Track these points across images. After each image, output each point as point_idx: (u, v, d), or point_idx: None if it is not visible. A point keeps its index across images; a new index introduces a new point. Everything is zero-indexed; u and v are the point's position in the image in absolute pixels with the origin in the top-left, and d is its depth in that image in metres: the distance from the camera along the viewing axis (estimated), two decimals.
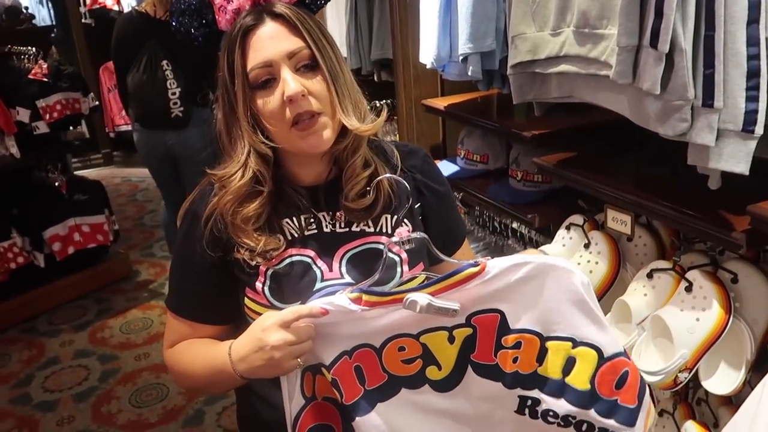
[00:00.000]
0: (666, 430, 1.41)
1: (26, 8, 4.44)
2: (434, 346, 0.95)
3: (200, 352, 1.05)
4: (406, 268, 1.04)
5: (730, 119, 0.95)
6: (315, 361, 0.93)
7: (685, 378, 1.22)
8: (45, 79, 3.39)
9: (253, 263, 1.00)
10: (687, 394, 1.45)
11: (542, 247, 1.57)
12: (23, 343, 3.34)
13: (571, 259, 1.50)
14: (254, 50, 0.95)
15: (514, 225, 1.86)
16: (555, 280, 0.93)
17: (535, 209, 1.68)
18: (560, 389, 0.97)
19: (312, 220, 1.04)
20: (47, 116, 3.41)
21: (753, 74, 0.92)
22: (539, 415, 1.00)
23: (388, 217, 1.06)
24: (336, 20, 2.62)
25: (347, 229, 1.05)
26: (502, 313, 0.94)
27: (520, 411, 1.00)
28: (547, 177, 1.71)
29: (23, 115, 3.35)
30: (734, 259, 1.26)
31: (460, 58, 1.60)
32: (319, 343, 0.92)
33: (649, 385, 1.04)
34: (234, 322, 1.09)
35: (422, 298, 0.89)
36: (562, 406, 0.98)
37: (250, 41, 0.95)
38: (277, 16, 0.96)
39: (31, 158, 3.50)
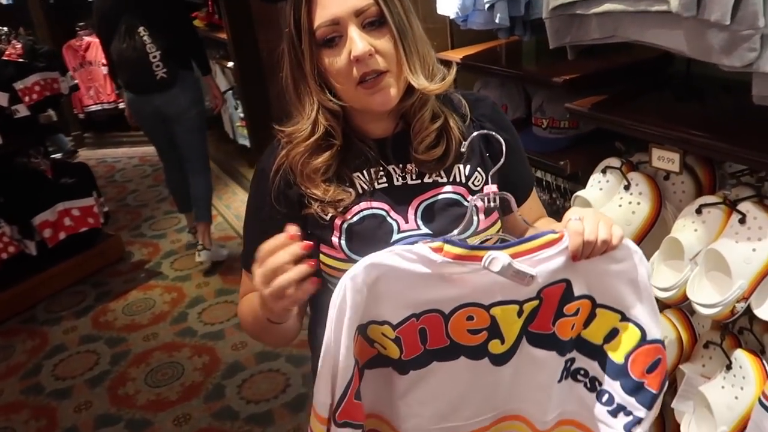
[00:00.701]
0: (713, 360, 1.44)
1: None
2: (503, 319, 0.94)
3: (251, 302, 1.04)
4: (482, 216, 1.03)
5: None
6: (383, 318, 0.91)
7: (742, 308, 1.24)
8: (21, 60, 3.25)
9: (327, 216, 1.00)
10: (729, 325, 1.48)
11: (578, 192, 1.58)
12: (25, 334, 3.28)
13: (610, 201, 1.51)
14: (321, 7, 0.92)
15: (538, 174, 1.86)
16: (623, 259, 0.93)
17: (564, 156, 1.68)
18: (596, 352, 0.99)
19: (382, 173, 1.03)
20: (26, 98, 3.28)
21: None
22: (571, 373, 1.02)
23: (461, 166, 1.05)
24: None
25: (419, 181, 1.03)
26: (568, 281, 0.93)
27: (561, 378, 1.02)
28: (573, 122, 1.71)
29: (1, 99, 3.21)
30: None
31: (486, 5, 1.56)
32: (388, 303, 0.90)
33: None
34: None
35: (503, 257, 0.87)
36: (594, 367, 1.00)
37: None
38: None
39: (14, 143, 3.37)
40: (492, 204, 0.95)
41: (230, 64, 4.28)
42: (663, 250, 1.38)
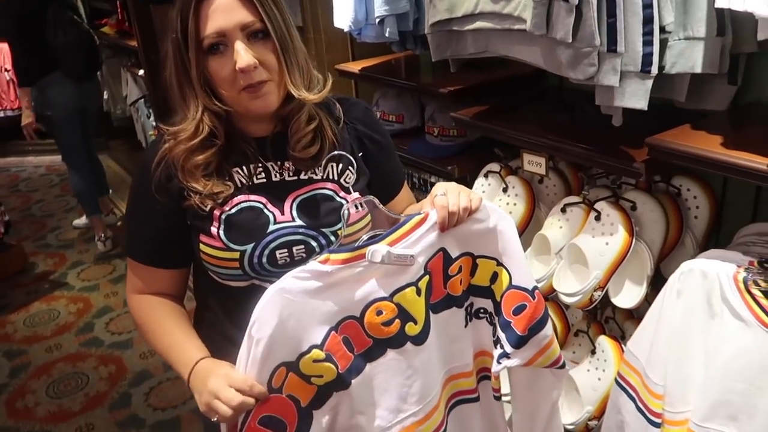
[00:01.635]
0: (582, 347, 1.59)
1: None
2: (407, 302, 1.03)
3: (168, 335, 1.12)
4: (353, 209, 1.12)
5: (631, 62, 1.10)
6: (307, 345, 0.97)
7: (599, 296, 1.39)
8: None
9: (207, 207, 1.06)
10: (597, 314, 1.63)
11: None
12: None
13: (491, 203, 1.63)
14: (209, 19, 0.99)
15: (433, 179, 1.97)
16: (485, 218, 1.06)
17: (453, 161, 1.81)
18: (487, 292, 1.12)
19: (261, 169, 1.11)
20: None
21: (648, 21, 1.07)
22: (473, 313, 1.14)
23: (334, 164, 1.14)
24: None
25: (296, 177, 1.12)
26: (444, 249, 1.05)
27: (466, 323, 1.13)
28: (461, 131, 1.84)
29: None
30: (632, 190, 1.43)
31: (377, 20, 1.67)
32: (307, 328, 0.97)
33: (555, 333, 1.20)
34: (187, 267, 1.17)
35: (382, 248, 0.97)
36: (488, 304, 1.13)
37: (205, 9, 0.99)
38: None
39: None
40: (360, 208, 1.05)
41: (141, 72, 4.22)
42: (534, 245, 1.51)
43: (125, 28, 4.60)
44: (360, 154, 1.18)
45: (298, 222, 1.10)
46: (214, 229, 1.07)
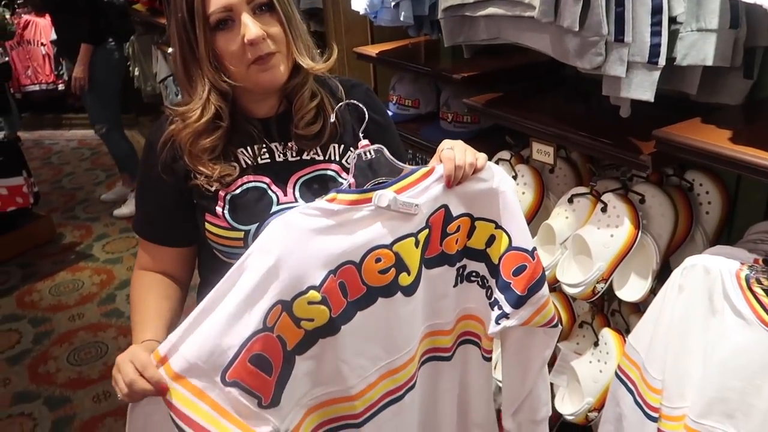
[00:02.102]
0: (585, 338, 1.58)
1: None
2: (405, 252, 1.04)
3: (138, 313, 1.12)
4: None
5: (638, 52, 1.08)
6: (306, 285, 0.97)
7: (602, 288, 1.38)
8: None
9: (212, 189, 1.08)
10: (603, 307, 1.63)
11: None
12: None
13: None
14: None
15: None
16: (488, 178, 1.08)
17: None
18: (481, 256, 1.13)
19: (265, 149, 1.12)
20: None
21: (656, 11, 1.05)
22: (465, 276, 1.15)
23: (336, 145, 1.16)
24: None
25: (298, 158, 1.14)
26: (446, 206, 1.06)
27: (456, 283, 1.15)
28: (475, 117, 1.83)
29: None
30: (641, 183, 1.42)
31: (392, 3, 1.67)
32: (308, 268, 0.97)
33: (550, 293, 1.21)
34: (192, 245, 1.19)
35: (389, 193, 0.99)
36: (482, 268, 1.15)
37: None
38: None
39: None
40: (369, 156, 1.05)
41: (170, 50, 4.27)
42: (540, 235, 1.51)
43: (156, 5, 4.64)
44: (362, 136, 1.19)
45: (301, 202, 1.11)
46: (219, 209, 1.09)
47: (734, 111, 1.26)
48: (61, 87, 5.86)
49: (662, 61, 1.08)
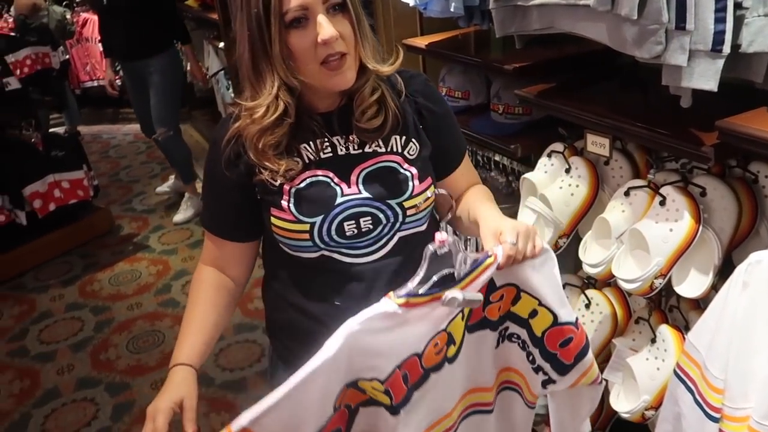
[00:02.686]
0: (642, 335, 1.54)
1: None
2: (454, 329, 1.05)
3: (187, 322, 1.21)
4: (417, 182, 1.15)
5: (701, 40, 1.04)
6: (372, 375, 0.99)
7: (660, 284, 1.34)
8: (12, 34, 3.33)
9: (277, 183, 1.10)
10: (660, 302, 1.58)
11: (525, 175, 1.67)
12: (13, 300, 3.39)
13: (553, 184, 1.60)
14: None
15: (497, 157, 1.94)
16: (540, 261, 1.05)
17: (516, 140, 1.77)
18: (524, 323, 1.12)
19: (327, 143, 1.13)
20: (18, 71, 3.37)
21: None
22: (506, 337, 1.15)
23: (397, 137, 1.16)
24: None
25: (360, 150, 1.14)
26: (491, 279, 1.03)
27: (497, 344, 1.14)
28: (527, 109, 1.80)
29: None
30: (702, 175, 1.36)
31: None
32: (373, 360, 0.98)
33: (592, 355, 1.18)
34: (254, 241, 1.22)
35: (458, 294, 0.96)
36: (523, 333, 1.13)
37: None
38: None
39: (4, 115, 3.46)
40: (443, 251, 1.02)
41: (221, 44, 4.34)
42: (594, 229, 1.47)
43: (207, 1, 4.72)
44: (420, 127, 1.19)
45: (365, 194, 1.12)
46: (284, 203, 1.11)
47: None
48: (118, 82, 6.04)
49: (727, 48, 1.03)
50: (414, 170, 1.15)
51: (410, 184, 1.14)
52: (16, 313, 3.27)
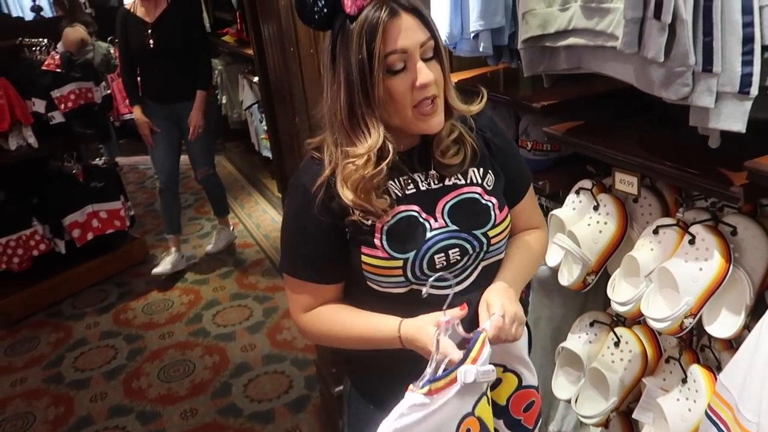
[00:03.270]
0: (673, 374, 1.52)
1: (33, 0, 4.51)
2: (484, 414, 1.06)
3: (360, 321, 1.20)
4: (497, 211, 1.20)
5: (728, 82, 1.05)
6: None
7: (690, 323, 1.33)
8: (58, 70, 3.48)
9: (369, 222, 1.12)
10: (692, 342, 1.56)
11: (553, 211, 1.67)
12: (50, 327, 3.47)
13: (581, 221, 1.60)
14: (393, 39, 1.05)
15: None
16: None
17: (545, 176, 1.78)
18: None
19: (409, 180, 1.17)
20: (62, 106, 3.50)
21: (748, 40, 1.02)
22: None
23: (475, 170, 1.21)
24: None
25: (441, 184, 1.18)
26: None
27: None
28: (555, 145, 1.81)
29: (39, 105, 3.44)
30: (733, 214, 1.36)
31: (472, 35, 1.68)
32: None
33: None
34: (345, 281, 1.24)
35: (471, 368, 1.00)
36: None
37: (390, 30, 1.05)
38: (411, 10, 1.07)
39: (49, 148, 3.60)
40: (448, 331, 1.06)
41: (256, 78, 4.46)
42: (623, 267, 1.47)
43: (243, 37, 4.87)
44: (491, 159, 1.25)
45: (453, 227, 1.16)
46: (377, 241, 1.13)
47: None
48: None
49: (755, 90, 1.04)
50: (494, 200, 1.20)
51: (492, 213, 1.19)
52: (53, 340, 3.34)
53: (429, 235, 1.14)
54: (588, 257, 1.56)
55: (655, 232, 1.41)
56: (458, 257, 1.16)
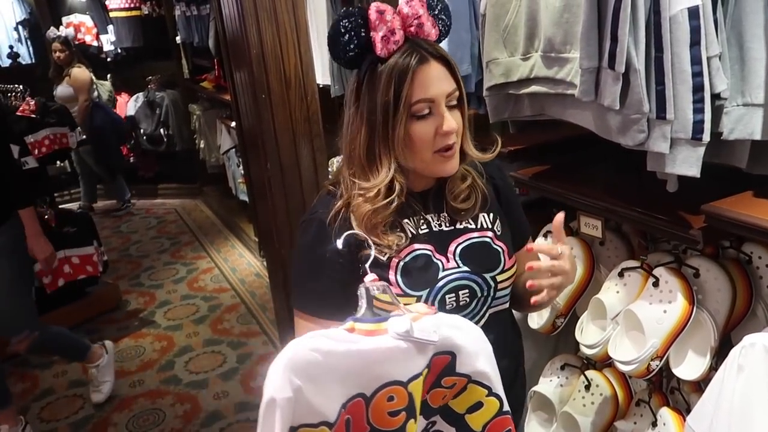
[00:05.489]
0: (643, 417, 1.52)
1: (11, 47, 4.54)
2: (416, 395, 0.99)
3: None
4: (507, 257, 1.23)
5: (681, 129, 1.09)
6: (319, 419, 0.92)
7: (657, 366, 1.33)
8: (33, 116, 3.48)
9: (385, 257, 1.14)
10: (661, 384, 1.56)
11: None
12: (17, 376, 3.37)
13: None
14: (422, 86, 1.09)
15: None
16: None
17: None
18: (457, 421, 1.07)
19: (422, 220, 1.20)
20: (36, 151, 3.49)
21: (698, 89, 1.06)
22: None
23: (485, 215, 1.24)
24: (318, 50, 2.75)
25: (452, 227, 1.22)
26: (453, 354, 1.01)
27: None
28: (523, 189, 1.84)
29: (13, 151, 3.41)
30: (696, 256, 1.38)
31: None
32: (324, 398, 0.93)
33: None
34: None
35: (405, 320, 0.94)
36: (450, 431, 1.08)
37: (419, 77, 1.08)
38: (440, 58, 1.11)
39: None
40: (376, 291, 1.02)
41: (233, 123, 4.49)
42: (590, 309, 1.48)
43: (221, 83, 4.92)
44: (499, 205, 1.28)
45: (464, 268, 1.18)
46: (392, 277, 1.15)
47: None
48: (132, 159, 6.24)
49: (706, 137, 1.07)
50: (504, 246, 1.23)
51: (502, 258, 1.22)
52: (19, 390, 3.24)
53: (442, 274, 1.16)
54: (556, 300, 1.57)
55: (621, 274, 1.43)
56: (467, 299, 1.18)
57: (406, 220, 1.18)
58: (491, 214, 1.25)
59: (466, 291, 1.17)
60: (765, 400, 1.06)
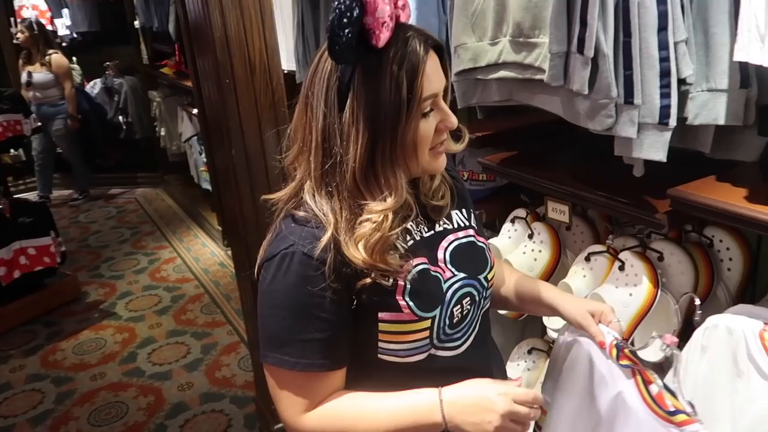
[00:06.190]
0: None
1: None
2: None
3: (384, 405, 1.01)
4: (490, 253, 1.16)
5: (648, 114, 1.10)
6: None
7: None
8: None
9: (389, 282, 0.99)
10: None
11: (490, 240, 1.69)
12: None
13: (516, 249, 1.63)
14: (429, 83, 0.96)
15: None
16: None
17: (482, 206, 1.80)
18: None
19: (404, 231, 1.04)
20: None
21: (665, 74, 1.06)
22: None
23: (457, 212, 1.15)
24: (283, 35, 2.70)
25: (432, 231, 1.10)
26: None
27: None
28: (491, 175, 1.84)
29: None
30: (660, 240, 1.41)
31: None
32: None
33: None
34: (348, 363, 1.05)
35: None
36: None
37: (426, 71, 0.95)
38: (438, 49, 0.99)
39: None
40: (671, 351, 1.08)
41: (195, 110, 4.40)
42: None
43: (182, 69, 4.81)
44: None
45: (461, 274, 1.07)
46: (400, 302, 0.99)
47: (750, 168, 1.25)
48: None
49: (673, 121, 1.09)
50: (484, 242, 1.16)
51: (487, 256, 1.15)
52: None
53: (445, 286, 1.04)
54: None
55: (587, 259, 1.45)
56: (469, 307, 1.08)
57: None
58: (463, 210, 1.16)
59: (468, 299, 1.07)
60: (727, 380, 1.09)
